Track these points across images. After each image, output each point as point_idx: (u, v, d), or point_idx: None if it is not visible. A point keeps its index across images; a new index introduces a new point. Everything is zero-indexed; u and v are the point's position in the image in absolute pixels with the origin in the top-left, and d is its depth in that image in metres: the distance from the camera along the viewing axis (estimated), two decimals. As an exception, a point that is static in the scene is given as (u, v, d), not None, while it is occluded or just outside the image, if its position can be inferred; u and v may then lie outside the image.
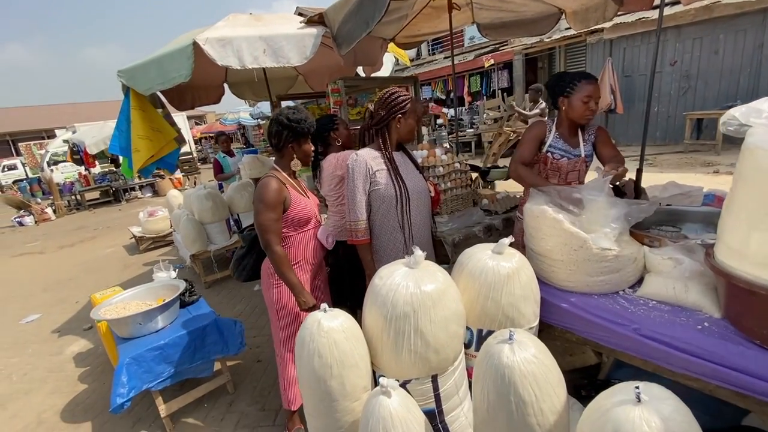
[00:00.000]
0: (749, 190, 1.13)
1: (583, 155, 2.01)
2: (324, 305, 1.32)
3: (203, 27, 2.82)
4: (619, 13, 3.07)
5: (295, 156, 1.90)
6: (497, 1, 3.34)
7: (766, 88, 7.44)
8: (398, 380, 1.23)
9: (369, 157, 1.83)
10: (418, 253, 1.35)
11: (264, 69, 4.02)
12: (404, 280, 1.29)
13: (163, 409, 2.34)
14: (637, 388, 0.79)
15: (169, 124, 3.44)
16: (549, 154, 2.02)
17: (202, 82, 4.24)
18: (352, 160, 1.84)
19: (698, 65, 8.20)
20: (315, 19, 2.72)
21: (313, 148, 1.94)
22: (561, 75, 1.96)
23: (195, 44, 2.45)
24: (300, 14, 4.02)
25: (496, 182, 3.15)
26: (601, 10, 3.08)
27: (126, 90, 3.13)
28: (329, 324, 1.25)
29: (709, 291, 1.38)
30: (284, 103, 3.93)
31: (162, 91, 3.35)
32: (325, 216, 2.56)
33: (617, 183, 2.04)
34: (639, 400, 0.79)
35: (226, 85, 4.82)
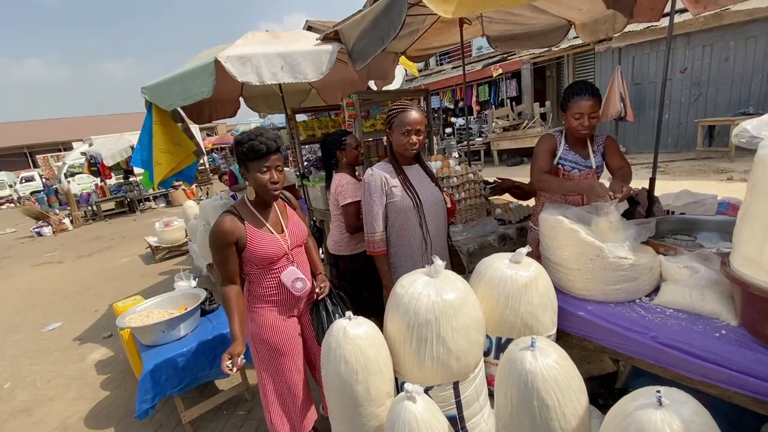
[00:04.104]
0: (763, 201, 1.16)
1: (594, 166, 2.03)
2: (349, 313, 1.37)
3: (220, 44, 2.94)
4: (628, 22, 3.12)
5: (247, 183, 1.64)
6: (507, 15, 3.41)
7: (779, 94, 7.40)
8: (421, 386, 1.27)
9: (384, 172, 1.89)
10: (438, 262, 1.39)
11: (280, 83, 4.14)
12: (426, 288, 1.34)
13: (184, 416, 2.40)
14: (659, 392, 0.83)
15: (188, 137, 3.56)
16: (560, 166, 2.05)
17: (219, 96, 4.35)
18: (368, 176, 1.89)
19: (709, 72, 8.18)
20: (330, 36, 2.82)
21: (274, 179, 1.60)
22: (568, 87, 1.95)
23: (216, 61, 2.55)
24: (309, 27, 4.14)
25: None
26: (611, 22, 3.13)
27: (149, 105, 3.26)
28: (354, 331, 1.30)
29: (726, 299, 1.40)
30: (298, 117, 4.02)
31: (181, 106, 3.46)
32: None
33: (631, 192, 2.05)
34: (660, 403, 0.82)
35: (241, 99, 4.95)
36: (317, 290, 1.83)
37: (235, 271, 1.64)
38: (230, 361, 1.60)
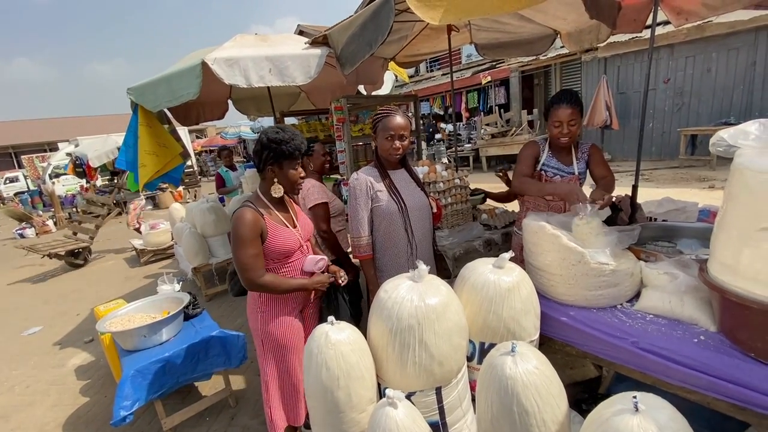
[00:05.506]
0: (739, 208, 1.19)
1: (576, 173, 2.07)
2: (331, 318, 1.35)
3: (209, 46, 2.91)
4: (612, 32, 3.18)
5: (276, 180, 1.71)
6: (494, 23, 3.46)
7: (759, 105, 7.60)
8: (403, 392, 1.26)
9: (369, 176, 1.89)
10: (422, 267, 1.39)
11: (268, 86, 4.12)
12: (409, 293, 1.33)
13: (165, 423, 2.35)
14: (635, 397, 0.83)
15: (174, 139, 3.51)
16: (543, 171, 2.09)
17: (207, 98, 4.32)
18: (353, 180, 1.89)
19: (691, 83, 8.38)
20: (319, 41, 2.81)
21: (302, 174, 1.75)
22: (550, 97, 2.03)
23: (203, 64, 2.53)
24: (301, 32, 4.14)
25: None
26: (595, 32, 3.20)
27: (134, 107, 3.21)
28: (337, 336, 1.29)
29: (704, 305, 1.42)
30: (287, 120, 4.01)
31: (168, 108, 3.43)
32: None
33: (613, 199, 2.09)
34: (637, 409, 0.82)
35: (230, 101, 4.92)
36: (340, 281, 1.87)
37: (263, 264, 1.69)
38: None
